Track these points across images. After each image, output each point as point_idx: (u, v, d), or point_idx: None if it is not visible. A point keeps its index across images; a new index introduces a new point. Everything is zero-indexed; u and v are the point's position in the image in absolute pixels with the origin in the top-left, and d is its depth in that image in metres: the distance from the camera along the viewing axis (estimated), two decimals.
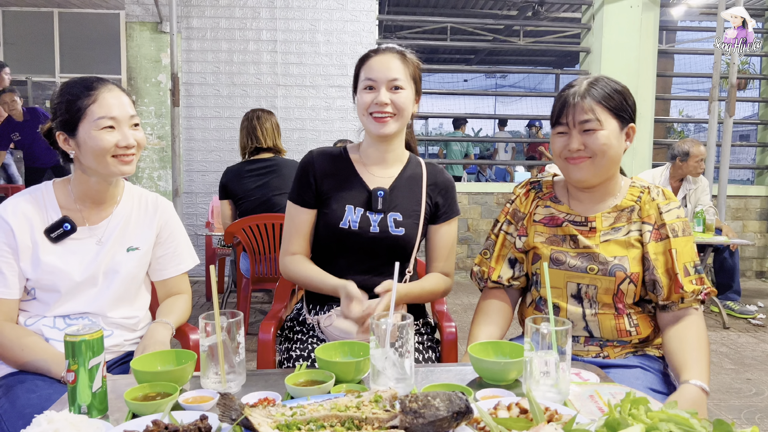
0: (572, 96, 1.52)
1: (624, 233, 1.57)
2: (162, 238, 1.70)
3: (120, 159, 1.53)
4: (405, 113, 1.68)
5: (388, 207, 1.71)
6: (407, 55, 1.71)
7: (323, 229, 1.73)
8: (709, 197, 4.90)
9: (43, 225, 1.54)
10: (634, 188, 1.62)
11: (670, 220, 1.56)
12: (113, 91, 1.54)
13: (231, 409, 0.99)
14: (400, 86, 1.65)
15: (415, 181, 1.78)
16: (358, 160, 1.77)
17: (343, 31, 6.10)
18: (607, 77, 1.57)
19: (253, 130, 3.62)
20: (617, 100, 1.52)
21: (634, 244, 1.56)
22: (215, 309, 1.19)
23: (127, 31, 6.01)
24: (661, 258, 1.54)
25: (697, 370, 1.42)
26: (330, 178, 1.74)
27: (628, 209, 1.59)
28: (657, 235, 1.55)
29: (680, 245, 1.54)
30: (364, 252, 1.70)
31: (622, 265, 1.54)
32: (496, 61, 13.58)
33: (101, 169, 1.54)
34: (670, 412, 0.94)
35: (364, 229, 1.69)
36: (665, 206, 1.57)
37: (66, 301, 1.55)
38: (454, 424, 0.97)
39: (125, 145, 1.52)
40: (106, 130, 1.50)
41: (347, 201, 1.71)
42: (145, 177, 6.06)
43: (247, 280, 3.68)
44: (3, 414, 1.36)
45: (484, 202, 6.30)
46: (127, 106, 1.55)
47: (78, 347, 1.09)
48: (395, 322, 1.18)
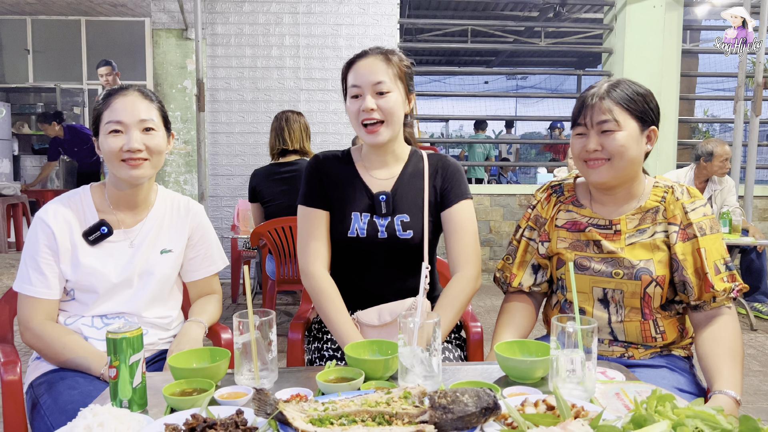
0: (591, 97, 1.52)
1: (649, 235, 1.55)
2: (194, 241, 1.75)
3: (128, 163, 1.56)
4: (394, 117, 1.64)
5: (394, 210, 1.70)
6: (390, 55, 1.66)
7: (333, 239, 1.72)
8: (736, 198, 4.84)
9: (81, 228, 1.60)
10: (658, 188, 1.60)
11: (697, 218, 1.53)
12: (128, 97, 1.57)
13: (266, 404, 1.03)
14: (385, 90, 1.61)
15: (417, 176, 1.74)
16: (360, 164, 1.76)
17: (365, 35, 6.14)
18: (630, 80, 1.56)
19: (281, 132, 3.67)
20: (638, 102, 1.51)
21: (659, 246, 1.54)
22: (248, 307, 1.23)
23: (154, 38, 6.13)
24: (689, 258, 1.52)
25: (731, 380, 1.41)
26: (336, 184, 1.73)
27: (652, 210, 1.57)
28: (684, 235, 1.53)
29: (708, 243, 1.52)
30: (376, 257, 1.70)
31: (648, 268, 1.52)
32: (517, 62, 13.52)
33: (115, 173, 1.59)
34: (697, 408, 0.96)
35: (372, 236, 1.68)
36: (690, 205, 1.55)
37: (103, 301, 1.60)
38: (482, 419, 0.99)
39: (129, 149, 1.54)
40: (113, 134, 1.55)
41: (353, 208, 1.70)
42: (171, 181, 6.17)
43: (273, 282, 3.73)
44: (46, 409, 1.42)
45: (506, 204, 6.29)
46: (140, 110, 1.56)
47: (119, 344, 1.13)
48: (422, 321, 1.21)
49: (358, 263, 1.72)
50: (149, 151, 1.58)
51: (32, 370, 1.59)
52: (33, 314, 1.55)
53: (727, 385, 1.40)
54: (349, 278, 1.74)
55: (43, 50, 8.06)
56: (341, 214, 1.71)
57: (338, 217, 1.71)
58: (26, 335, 1.55)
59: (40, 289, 1.55)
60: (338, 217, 1.71)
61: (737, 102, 5.46)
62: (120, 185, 1.62)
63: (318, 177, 1.74)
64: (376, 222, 1.68)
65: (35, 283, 1.55)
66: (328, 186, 1.73)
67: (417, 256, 1.69)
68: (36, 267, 1.55)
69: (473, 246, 1.72)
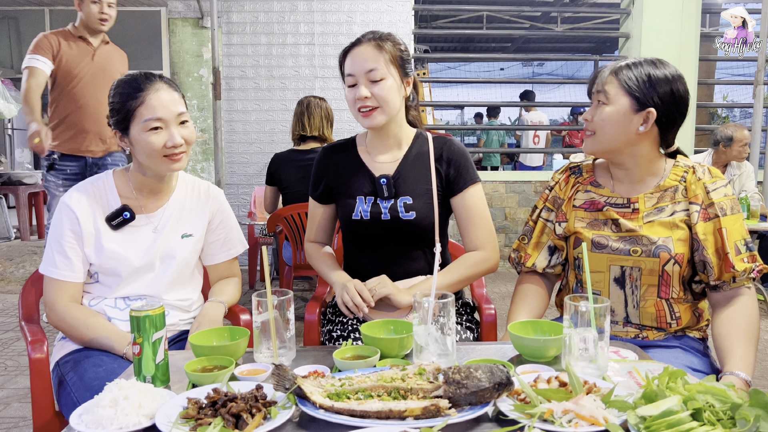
0: (604, 68, 1.57)
1: (668, 213, 1.55)
2: (214, 225, 1.79)
3: (170, 158, 1.59)
4: (389, 103, 1.65)
5: (396, 192, 1.72)
6: (382, 41, 1.67)
7: (342, 223, 1.79)
8: (755, 183, 4.79)
9: (104, 213, 1.63)
10: (678, 167, 1.59)
11: (718, 198, 1.53)
12: (160, 91, 1.57)
13: (285, 379, 1.06)
14: (378, 77, 1.63)
15: (422, 159, 1.75)
16: (363, 150, 1.80)
17: (380, 22, 6.13)
18: (658, 60, 1.54)
19: (301, 117, 3.70)
20: (640, 83, 1.50)
21: (679, 225, 1.54)
22: (267, 286, 1.26)
23: (170, 27, 6.17)
24: (710, 238, 1.52)
25: (742, 361, 1.42)
26: (339, 173, 1.78)
27: (671, 189, 1.57)
28: (705, 215, 1.53)
29: (729, 224, 1.52)
30: (382, 240, 1.73)
31: (667, 246, 1.52)
32: (533, 48, 13.40)
33: (153, 167, 1.61)
34: (708, 384, 0.97)
35: (375, 218, 1.71)
36: (712, 185, 1.55)
37: (126, 284, 1.64)
38: (496, 394, 1.01)
39: (173, 145, 1.57)
40: (154, 131, 1.56)
41: (357, 192, 1.74)
42: (188, 169, 6.23)
43: (290, 268, 3.77)
44: (72, 386, 1.47)
45: (521, 190, 6.27)
46: (174, 103, 1.58)
47: (143, 322, 1.17)
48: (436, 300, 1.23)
49: (365, 245, 1.77)
50: (187, 144, 1.62)
51: (58, 349, 1.64)
52: (58, 296, 1.59)
53: (739, 366, 1.41)
54: (357, 260, 1.81)
55: None
56: (346, 198, 1.76)
57: (344, 201, 1.76)
58: (52, 317, 1.60)
59: (65, 272, 1.59)
60: (344, 202, 1.76)
61: (757, 87, 5.38)
62: (148, 173, 1.65)
63: (322, 172, 1.81)
64: (379, 205, 1.72)
65: (60, 266, 1.59)
66: (333, 178, 1.79)
67: (423, 237, 1.73)
68: (61, 250, 1.59)
69: (488, 230, 1.75)
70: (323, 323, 1.88)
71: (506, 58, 14.55)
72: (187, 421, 0.98)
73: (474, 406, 1.01)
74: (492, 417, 1.02)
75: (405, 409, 0.98)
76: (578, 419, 0.94)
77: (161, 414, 1.00)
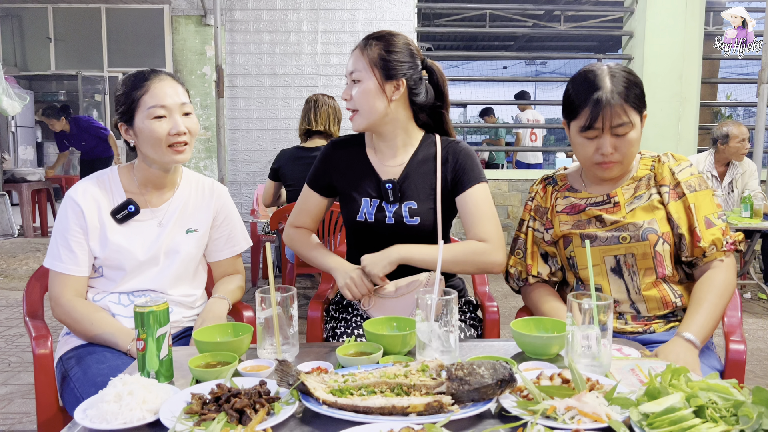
0: (604, 99, 1.48)
1: (646, 198, 1.61)
2: (218, 221, 1.79)
3: (174, 149, 1.60)
4: (366, 105, 1.64)
5: (401, 197, 1.70)
6: (370, 42, 1.67)
7: (345, 222, 1.79)
8: (758, 182, 4.78)
9: (109, 207, 1.64)
10: (646, 159, 1.67)
11: (684, 177, 1.60)
12: (164, 81, 1.61)
13: (288, 375, 1.06)
14: (357, 79, 1.65)
15: (428, 162, 1.73)
16: (371, 149, 1.78)
17: (382, 20, 6.13)
18: (618, 66, 1.55)
19: (307, 112, 3.72)
20: (638, 94, 1.53)
21: (657, 206, 1.59)
22: (270, 282, 1.27)
23: (173, 25, 6.18)
24: (683, 216, 1.58)
25: (695, 325, 1.46)
26: (346, 171, 1.77)
27: (645, 178, 1.63)
28: (675, 194, 1.60)
29: (698, 199, 1.58)
30: (385, 241, 1.70)
31: (653, 227, 1.57)
32: (536, 47, 13.39)
33: (158, 158, 1.62)
34: (711, 381, 0.97)
35: (379, 220, 1.70)
36: (677, 167, 1.62)
37: (130, 278, 1.65)
38: (498, 391, 1.02)
39: (176, 132, 1.58)
40: (158, 119, 1.58)
41: (363, 193, 1.73)
42: (191, 167, 6.24)
43: (292, 265, 3.78)
44: (76, 381, 1.48)
45: (524, 189, 6.27)
46: (178, 94, 1.62)
47: (147, 318, 1.17)
48: (439, 297, 1.23)
49: (369, 246, 1.75)
50: (191, 135, 1.63)
51: (62, 344, 1.65)
52: (63, 291, 1.60)
53: (688, 328, 1.46)
54: (359, 258, 1.76)
55: (64, 38, 8.15)
56: (351, 198, 1.74)
57: (348, 200, 1.75)
58: (57, 311, 1.61)
59: (70, 266, 1.60)
60: (348, 200, 1.75)
61: (761, 85, 5.37)
62: (152, 166, 1.66)
63: (327, 165, 1.79)
64: (384, 208, 1.71)
65: (65, 260, 1.60)
66: (339, 176, 1.78)
67: (426, 241, 1.70)
68: (66, 244, 1.60)
69: (493, 226, 1.67)
70: (326, 320, 1.88)
71: (509, 56, 14.54)
72: (191, 416, 0.98)
73: (477, 402, 1.02)
74: (495, 413, 1.02)
75: (408, 405, 0.98)
76: (581, 416, 0.94)
77: (165, 409, 1.00)
